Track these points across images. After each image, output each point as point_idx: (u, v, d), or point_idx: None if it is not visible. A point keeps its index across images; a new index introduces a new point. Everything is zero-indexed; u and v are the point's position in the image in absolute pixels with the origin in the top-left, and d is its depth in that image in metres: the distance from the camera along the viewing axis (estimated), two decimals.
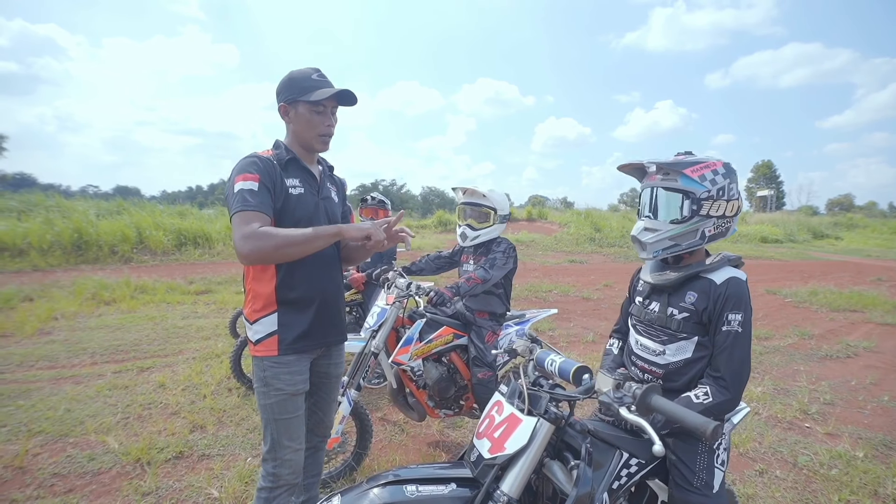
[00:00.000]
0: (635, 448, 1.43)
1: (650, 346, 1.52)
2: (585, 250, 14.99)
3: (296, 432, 1.64)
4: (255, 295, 1.59)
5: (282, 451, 1.61)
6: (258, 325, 1.58)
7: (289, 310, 1.59)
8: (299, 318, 1.60)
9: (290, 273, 1.57)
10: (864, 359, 5.05)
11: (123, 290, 6.64)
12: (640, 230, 1.52)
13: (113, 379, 3.76)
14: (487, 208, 2.65)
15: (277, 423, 1.60)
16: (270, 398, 1.58)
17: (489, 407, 1.32)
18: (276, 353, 1.57)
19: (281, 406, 1.59)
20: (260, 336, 1.58)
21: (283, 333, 1.58)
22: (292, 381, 1.59)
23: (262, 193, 1.46)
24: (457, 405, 2.78)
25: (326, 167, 1.79)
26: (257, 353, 1.59)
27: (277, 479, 1.62)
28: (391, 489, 1.12)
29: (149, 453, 2.65)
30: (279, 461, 1.62)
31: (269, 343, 1.57)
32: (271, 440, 1.61)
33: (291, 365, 1.59)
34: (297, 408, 1.63)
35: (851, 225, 29.67)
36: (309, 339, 1.62)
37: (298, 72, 1.59)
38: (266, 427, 1.62)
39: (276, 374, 1.57)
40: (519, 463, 1.15)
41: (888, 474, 2.74)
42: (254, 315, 1.59)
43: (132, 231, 9.77)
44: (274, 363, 1.57)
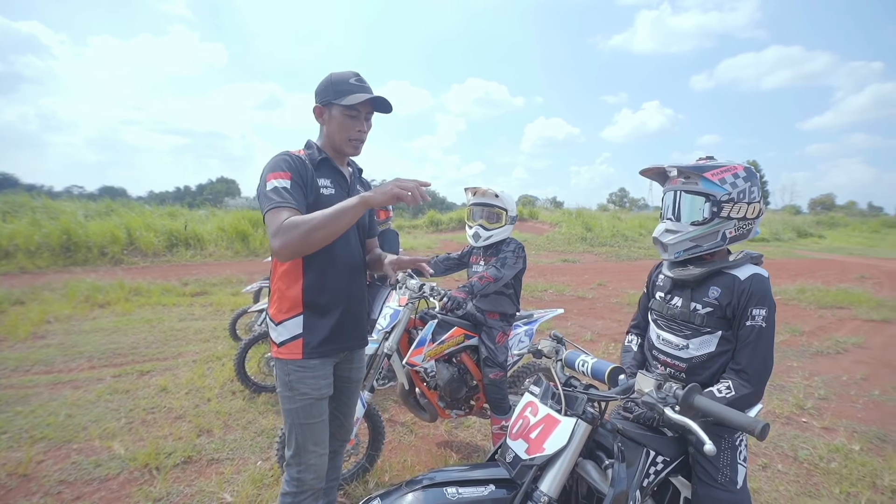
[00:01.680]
0: (661, 445, 1.46)
1: (673, 341, 1.55)
2: (577, 250, 15.13)
3: (320, 437, 1.64)
4: (282, 296, 1.58)
5: (306, 455, 1.61)
6: (283, 326, 1.57)
7: (315, 313, 1.58)
8: (324, 322, 1.59)
9: (319, 276, 1.57)
10: (854, 354, 5.19)
11: (117, 293, 6.53)
12: (662, 232, 1.55)
13: (113, 383, 3.70)
14: (499, 209, 2.67)
15: (302, 427, 1.60)
16: (295, 402, 1.58)
17: (520, 408, 1.34)
18: (300, 357, 1.56)
19: (306, 411, 1.59)
20: (284, 338, 1.57)
21: (308, 337, 1.57)
22: (317, 386, 1.59)
23: (294, 190, 1.45)
24: (467, 405, 2.80)
25: (356, 169, 1.80)
26: (281, 356, 1.58)
27: (302, 484, 1.62)
28: (433, 492, 1.13)
29: (157, 458, 2.62)
30: (304, 466, 1.62)
31: (294, 346, 1.57)
32: (296, 444, 1.61)
33: (316, 369, 1.59)
34: (321, 412, 1.63)
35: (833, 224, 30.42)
36: (333, 343, 1.62)
37: (337, 75, 1.59)
38: (290, 431, 1.61)
39: (300, 379, 1.57)
40: (557, 463, 1.17)
41: (884, 467, 2.82)
42: (279, 316, 1.58)
43: (122, 232, 9.61)
44: (298, 367, 1.57)
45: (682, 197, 1.51)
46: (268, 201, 1.42)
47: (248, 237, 11.18)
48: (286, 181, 1.45)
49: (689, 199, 1.50)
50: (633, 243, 16.34)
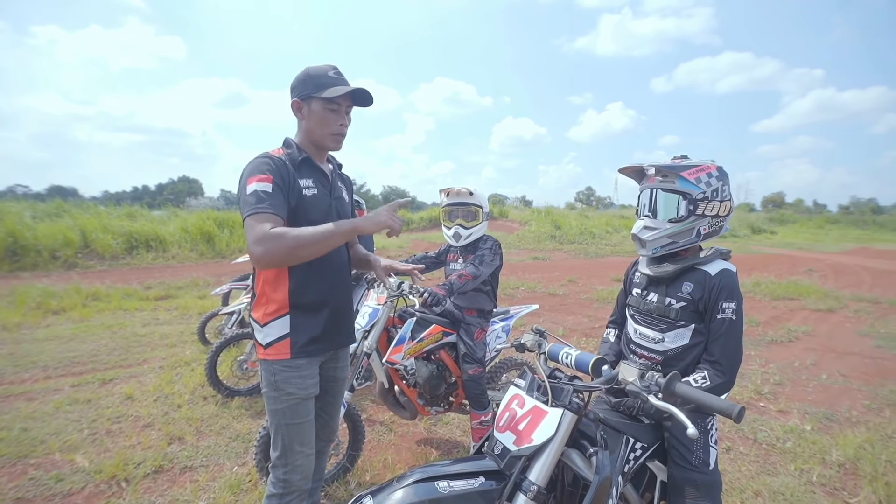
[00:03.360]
0: (639, 433, 1.53)
1: (649, 335, 1.63)
2: (547, 247, 15.45)
3: (307, 437, 1.62)
4: (269, 299, 1.56)
5: (293, 456, 1.59)
6: (269, 327, 1.55)
7: (301, 313, 1.57)
8: (311, 322, 1.58)
9: (305, 278, 1.56)
10: (804, 342, 5.55)
11: (73, 298, 6.17)
12: (641, 229, 1.61)
13: (72, 393, 3.50)
14: (475, 206, 2.70)
15: (289, 427, 1.58)
16: (281, 403, 1.56)
17: (506, 401, 1.37)
18: (288, 357, 1.55)
19: (292, 410, 1.57)
20: (271, 339, 1.55)
21: (296, 336, 1.56)
22: (303, 385, 1.58)
23: (275, 195, 1.43)
24: (447, 402, 2.82)
25: (336, 165, 1.78)
26: (268, 357, 1.56)
27: (288, 486, 1.60)
28: (424, 486, 1.14)
29: (125, 469, 2.51)
30: (290, 467, 1.60)
31: (281, 346, 1.55)
32: (282, 445, 1.59)
33: (302, 369, 1.58)
34: (307, 412, 1.61)
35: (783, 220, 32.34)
36: (320, 342, 1.61)
37: (315, 68, 1.56)
38: (276, 432, 1.59)
39: (286, 378, 1.55)
40: (545, 453, 1.20)
41: (833, 444, 3.04)
42: (265, 318, 1.56)
43: (76, 234, 9.09)
44: (285, 367, 1.55)
45: (660, 195, 1.57)
46: (248, 206, 1.39)
47: (213, 238, 10.81)
48: (268, 185, 1.42)
49: (666, 197, 1.56)
50: (600, 241, 16.84)
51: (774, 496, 2.48)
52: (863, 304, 7.51)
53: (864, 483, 2.60)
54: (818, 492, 2.54)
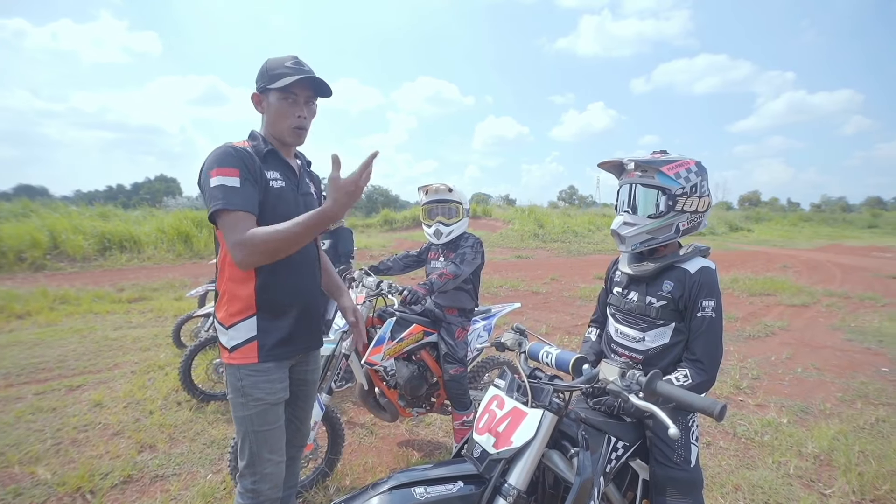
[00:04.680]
0: (621, 432, 1.51)
1: (630, 334, 1.61)
2: (530, 246, 15.52)
3: (277, 444, 1.54)
4: (232, 297, 1.47)
5: (262, 465, 1.51)
6: (234, 330, 1.46)
7: (269, 314, 1.49)
8: (280, 323, 1.50)
9: (272, 274, 1.48)
10: (780, 337, 5.67)
11: (40, 301, 5.92)
12: (620, 224, 1.58)
13: (36, 401, 3.34)
14: (455, 203, 2.66)
15: (257, 434, 1.50)
16: (249, 409, 1.48)
17: (486, 402, 1.33)
18: (255, 360, 1.47)
19: (261, 417, 1.49)
20: (237, 342, 1.46)
21: (263, 339, 1.47)
22: (272, 390, 1.50)
23: (244, 188, 1.36)
24: (428, 403, 2.77)
25: (304, 161, 1.70)
26: (233, 361, 1.47)
27: (258, 496, 1.52)
28: (399, 493, 1.10)
29: (91, 480, 2.39)
30: (259, 476, 1.52)
31: (248, 350, 1.47)
32: (249, 453, 1.50)
33: (271, 372, 1.50)
34: (277, 418, 1.54)
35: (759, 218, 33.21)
36: (290, 344, 1.53)
37: (273, 60, 1.49)
38: (244, 440, 1.51)
39: (254, 383, 1.47)
40: (525, 455, 1.17)
41: (808, 436, 3.10)
42: (230, 319, 1.47)
43: (44, 235, 8.74)
44: (252, 371, 1.47)
45: (639, 190, 1.55)
46: (216, 201, 1.33)
47: (191, 238, 10.53)
48: (234, 179, 1.36)
49: (645, 192, 1.53)
50: (583, 239, 17.01)
51: (753, 490, 2.51)
52: (834, 299, 7.74)
53: (839, 474, 2.65)
54: (795, 484, 2.58)
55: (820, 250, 16.98)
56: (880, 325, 6.14)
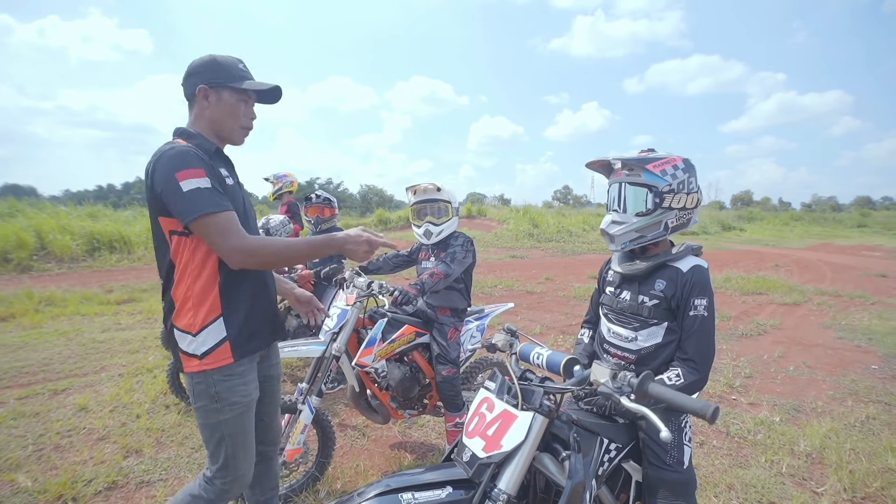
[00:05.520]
0: (613, 433, 1.48)
1: (622, 333, 1.59)
2: (525, 246, 15.51)
3: (251, 444, 1.53)
4: (197, 302, 1.40)
5: (237, 467, 1.48)
6: (204, 335, 1.40)
7: (234, 311, 1.45)
8: (246, 318, 1.47)
9: (233, 273, 1.44)
10: (772, 335, 5.70)
11: (24, 303, 5.81)
12: (609, 223, 1.57)
13: (18, 406, 3.27)
14: (444, 202, 2.64)
15: (234, 439, 1.46)
16: (225, 414, 1.43)
17: (476, 404, 1.30)
18: (231, 361, 1.43)
19: (238, 421, 1.45)
20: (209, 347, 1.41)
21: (235, 337, 1.43)
22: (247, 391, 1.47)
23: (218, 189, 1.36)
24: (420, 405, 2.74)
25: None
26: (206, 367, 1.40)
27: (225, 495, 1.50)
28: (387, 500, 1.06)
29: (74, 487, 2.33)
30: (232, 478, 1.48)
31: (221, 352, 1.42)
32: (225, 457, 1.46)
33: (246, 374, 1.47)
34: (251, 419, 1.51)
35: (751, 218, 33.45)
36: (258, 338, 1.52)
37: (224, 57, 1.48)
38: (218, 445, 1.45)
39: (230, 387, 1.42)
40: (515, 459, 1.14)
41: (800, 434, 3.11)
42: (197, 325, 1.40)
43: (31, 236, 8.59)
44: (226, 375, 1.42)
45: (627, 189, 1.54)
46: (200, 204, 1.30)
47: None
48: (206, 181, 1.33)
49: (632, 190, 1.53)
50: (577, 238, 17.03)
51: (746, 489, 2.50)
52: (825, 298, 7.79)
53: (831, 472, 2.65)
54: (787, 482, 2.58)
55: (811, 249, 17.14)
56: (870, 323, 6.19)
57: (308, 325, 3.96)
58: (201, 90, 1.45)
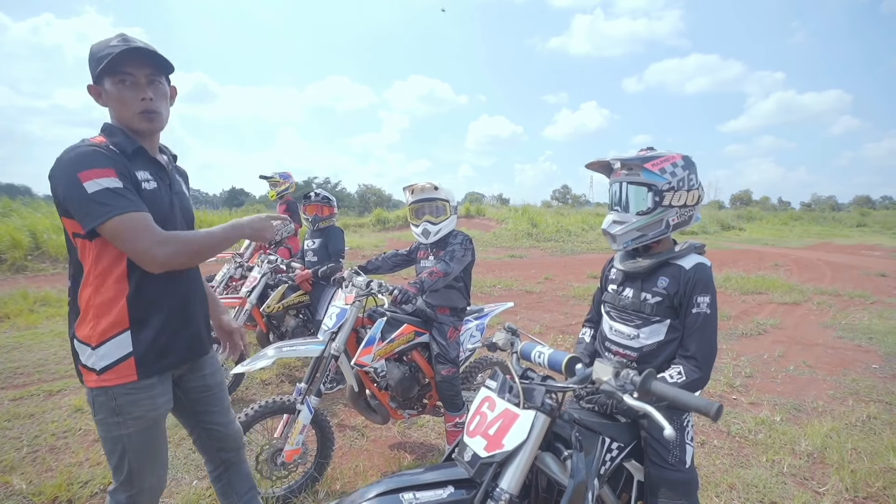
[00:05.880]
0: (615, 432, 1.46)
1: (624, 331, 1.58)
2: (524, 245, 15.50)
3: (159, 457, 1.43)
4: (99, 312, 1.30)
5: (141, 479, 1.39)
6: (105, 348, 1.29)
7: (144, 326, 1.34)
8: (158, 335, 1.36)
9: (145, 281, 1.33)
10: (772, 335, 5.69)
11: (19, 304, 5.76)
12: (610, 223, 1.57)
13: (12, 407, 3.23)
14: (442, 201, 2.62)
15: (138, 453, 1.36)
16: (127, 428, 1.33)
17: (477, 404, 1.28)
18: (135, 379, 1.32)
19: (142, 435, 1.35)
20: (109, 362, 1.29)
21: (141, 354, 1.32)
22: (154, 406, 1.36)
23: (129, 189, 1.25)
24: (420, 404, 2.72)
25: (171, 156, 1.56)
26: (105, 384, 1.29)
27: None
28: (388, 500, 1.04)
29: (69, 489, 2.30)
30: (137, 490, 1.40)
31: (123, 368, 1.31)
32: (128, 471, 1.37)
33: (153, 388, 1.36)
34: (160, 433, 1.41)
35: (751, 217, 33.46)
36: (172, 356, 1.40)
37: (99, 43, 1.31)
38: (121, 459, 1.35)
39: (133, 401, 1.32)
40: (517, 458, 1.12)
41: (801, 434, 3.09)
42: (98, 337, 1.29)
43: (25, 235, 8.53)
44: (130, 390, 1.32)
45: (626, 188, 1.53)
46: (107, 207, 1.19)
47: None
48: (115, 180, 1.22)
49: (632, 189, 1.52)
50: (576, 238, 17.03)
51: (748, 488, 2.49)
52: (825, 297, 7.79)
53: (832, 472, 2.64)
54: (789, 482, 2.56)
55: (810, 249, 17.15)
56: (870, 322, 6.19)
57: (306, 324, 3.96)
58: (91, 89, 1.35)
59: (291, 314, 3.99)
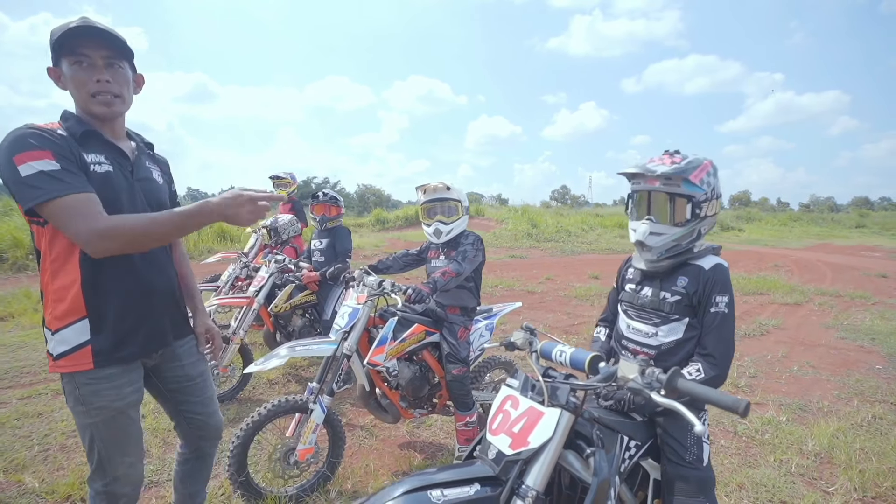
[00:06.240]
0: (632, 431, 1.48)
1: (642, 329, 1.59)
2: (524, 245, 15.52)
3: (131, 446, 1.41)
4: (58, 297, 1.29)
5: (113, 467, 1.38)
6: (62, 334, 1.29)
7: (102, 314, 1.31)
8: (119, 323, 1.33)
9: (99, 268, 1.29)
10: (774, 335, 5.71)
11: (23, 303, 5.75)
12: (647, 235, 1.53)
13: (20, 406, 3.23)
14: (454, 201, 2.63)
15: (106, 443, 1.36)
16: (92, 417, 1.32)
17: (499, 402, 1.29)
18: (91, 367, 1.30)
19: (108, 424, 1.34)
20: (66, 348, 1.29)
21: (98, 343, 1.30)
22: (118, 396, 1.33)
23: (68, 171, 1.21)
24: (430, 404, 2.73)
25: (142, 144, 1.54)
26: (63, 370, 1.29)
27: (113, 497, 1.41)
28: (416, 497, 1.05)
29: (81, 488, 2.29)
30: (111, 478, 1.39)
31: (79, 356, 1.29)
32: (98, 458, 1.37)
33: (115, 378, 1.33)
34: (129, 422, 1.39)
35: (750, 218, 33.52)
36: (131, 346, 1.36)
37: (60, 26, 1.28)
38: (90, 447, 1.36)
39: (95, 391, 1.30)
40: (542, 456, 1.13)
41: (808, 434, 3.11)
42: (56, 323, 1.29)
43: (26, 235, 8.50)
44: (91, 378, 1.30)
45: (664, 198, 1.51)
46: (39, 190, 1.16)
47: None
48: (50, 161, 1.19)
49: (672, 200, 1.49)
50: (576, 239, 17.05)
51: (757, 488, 2.50)
52: (826, 298, 7.82)
53: (840, 472, 2.65)
54: (797, 482, 2.57)
55: (810, 249, 17.20)
56: (872, 323, 6.21)
57: (311, 324, 3.96)
58: (50, 71, 1.33)
59: (298, 314, 3.99)
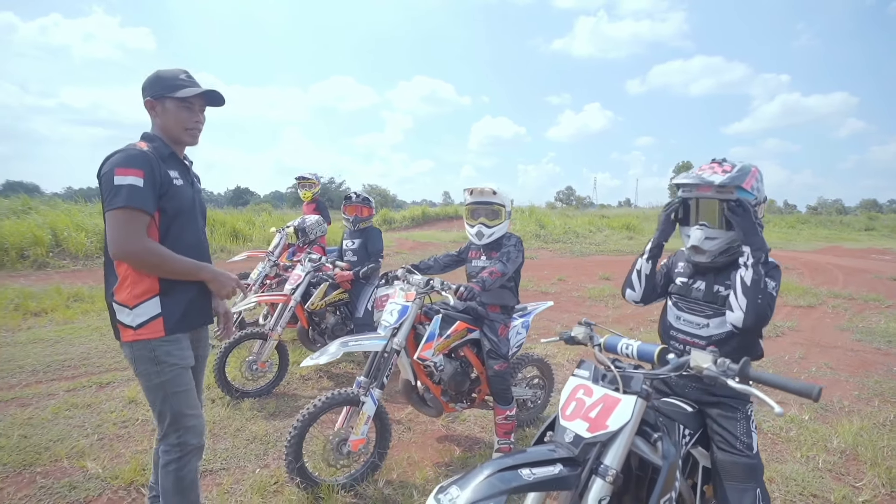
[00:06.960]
0: (685, 420, 1.58)
1: (694, 321, 1.69)
2: (532, 246, 15.58)
3: (193, 400, 1.74)
4: (136, 280, 1.62)
5: (184, 419, 1.70)
6: (140, 308, 1.62)
7: (170, 294, 1.66)
8: (180, 300, 1.69)
9: None
10: (790, 337, 5.78)
11: (54, 299, 5.89)
12: (702, 240, 1.63)
13: (68, 398, 3.35)
14: (498, 206, 2.72)
15: (176, 395, 1.67)
16: (165, 375, 1.65)
17: (570, 391, 1.38)
18: (162, 334, 1.64)
19: (176, 380, 1.67)
20: (143, 319, 1.62)
21: (168, 315, 1.66)
22: (183, 356, 1.70)
23: (146, 190, 1.55)
24: (469, 399, 2.82)
25: (189, 162, 1.87)
26: (140, 337, 1.62)
27: (185, 447, 1.71)
28: (508, 474, 1.15)
29: (142, 474, 2.41)
30: (183, 429, 1.70)
31: (154, 325, 1.63)
32: (171, 414, 1.67)
33: (180, 342, 1.70)
34: (189, 380, 1.73)
35: None
36: (190, 318, 1.73)
37: (166, 71, 1.70)
38: (163, 405, 1.67)
39: (168, 351, 1.65)
40: (619, 438, 1.23)
41: (832, 432, 3.18)
42: (134, 300, 1.62)
43: (46, 233, 8.66)
44: (163, 342, 1.65)
45: (716, 205, 1.61)
46: (118, 198, 1.51)
47: None
48: (139, 179, 1.53)
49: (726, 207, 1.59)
50: (584, 240, 17.11)
51: (787, 482, 2.58)
52: (839, 301, 7.86)
53: (867, 468, 2.73)
54: (826, 477, 2.65)
55: (819, 252, 17.17)
56: (887, 325, 6.26)
57: (343, 322, 4.07)
58: (147, 103, 1.69)
59: (331, 311, 4.10)
